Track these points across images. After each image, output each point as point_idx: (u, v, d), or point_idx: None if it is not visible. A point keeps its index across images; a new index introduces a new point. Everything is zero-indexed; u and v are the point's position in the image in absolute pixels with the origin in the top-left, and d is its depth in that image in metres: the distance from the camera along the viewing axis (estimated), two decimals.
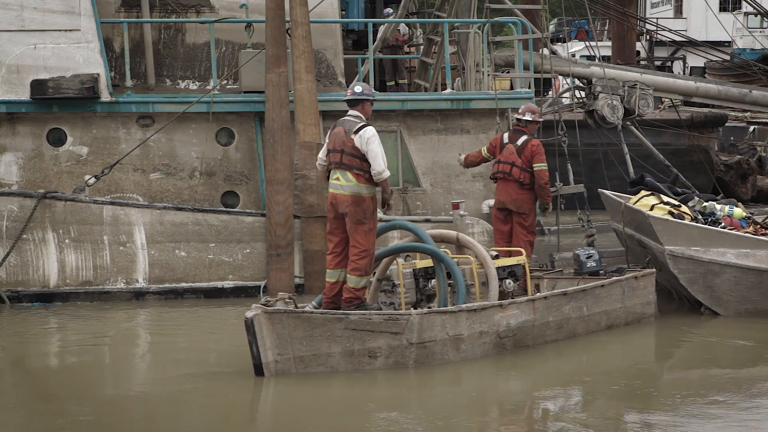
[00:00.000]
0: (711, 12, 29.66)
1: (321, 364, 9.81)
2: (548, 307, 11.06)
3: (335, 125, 10.64)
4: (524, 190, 13.07)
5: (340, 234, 10.47)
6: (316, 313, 9.88)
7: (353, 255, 10.32)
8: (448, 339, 10.20)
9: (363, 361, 9.92)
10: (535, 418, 9.06)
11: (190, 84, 15.49)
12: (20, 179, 14.44)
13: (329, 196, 10.49)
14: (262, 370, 9.63)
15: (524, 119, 13.25)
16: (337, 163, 10.43)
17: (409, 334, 9.99)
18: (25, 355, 11.50)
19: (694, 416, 8.79)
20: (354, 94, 10.57)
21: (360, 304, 10.37)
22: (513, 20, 16.54)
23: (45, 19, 14.23)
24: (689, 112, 24.87)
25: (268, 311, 9.60)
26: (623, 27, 28.07)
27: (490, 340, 10.52)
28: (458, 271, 10.67)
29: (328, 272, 10.56)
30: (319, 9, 15.00)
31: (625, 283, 11.96)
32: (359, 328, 9.84)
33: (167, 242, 14.17)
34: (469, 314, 10.34)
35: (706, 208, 13.30)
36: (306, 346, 9.72)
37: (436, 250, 10.75)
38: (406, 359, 10.04)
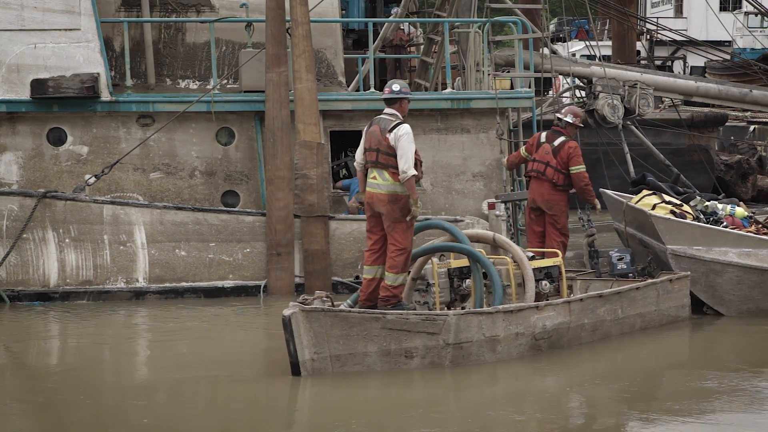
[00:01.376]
0: (711, 11, 29.66)
1: (357, 364, 9.72)
2: (584, 309, 10.99)
3: (371, 124, 10.56)
4: (557, 191, 12.93)
5: (378, 232, 10.44)
6: (354, 312, 9.80)
7: (391, 252, 10.29)
8: (485, 340, 10.12)
9: (399, 360, 9.83)
10: (573, 421, 8.93)
11: (190, 83, 15.47)
12: (20, 179, 14.42)
13: (367, 195, 10.44)
14: (298, 368, 9.54)
15: (565, 120, 13.12)
16: (373, 162, 10.38)
17: (446, 335, 9.90)
18: (26, 354, 11.47)
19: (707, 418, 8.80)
20: (392, 92, 10.45)
21: (397, 303, 10.33)
22: (513, 20, 16.53)
23: (45, 19, 14.21)
24: (689, 111, 24.87)
25: (305, 309, 9.52)
26: (623, 26, 28.06)
27: (525, 341, 10.43)
28: (495, 271, 10.57)
29: (366, 269, 10.54)
30: (319, 8, 14.99)
31: (660, 286, 11.90)
32: (396, 327, 9.75)
33: (167, 242, 14.15)
34: (506, 315, 10.25)
35: (708, 207, 13.29)
36: (342, 345, 9.64)
37: (473, 250, 10.67)
38: (442, 360, 9.95)
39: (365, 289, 10.54)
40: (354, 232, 14.43)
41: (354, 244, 14.42)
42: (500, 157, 15.36)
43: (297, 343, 9.48)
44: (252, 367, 10.55)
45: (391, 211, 10.26)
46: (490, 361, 10.18)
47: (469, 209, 15.12)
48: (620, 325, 11.46)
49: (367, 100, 15.13)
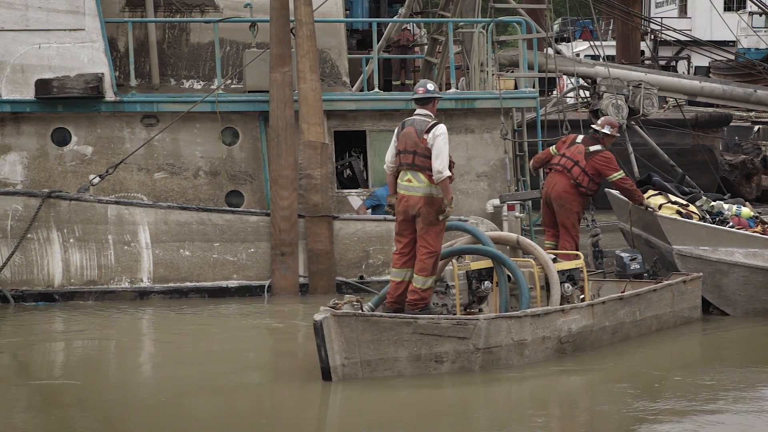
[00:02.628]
0: (716, 11, 29.65)
1: (387, 369, 9.60)
2: (605, 311, 10.95)
3: (404, 125, 10.31)
4: (574, 189, 12.80)
5: (408, 235, 10.26)
6: (385, 316, 9.65)
7: (421, 255, 10.13)
8: (513, 344, 10.03)
9: (429, 365, 9.71)
10: (605, 426, 8.81)
11: (194, 83, 15.47)
12: (25, 179, 14.42)
13: (399, 198, 10.23)
14: (329, 374, 9.42)
15: (603, 131, 13.05)
16: (409, 165, 10.15)
17: (477, 339, 9.80)
18: (30, 354, 11.46)
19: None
20: (427, 92, 10.22)
21: (425, 306, 10.17)
22: (517, 20, 16.52)
23: (49, 19, 14.21)
24: (694, 111, 24.82)
25: (337, 314, 9.37)
26: (628, 26, 28.02)
27: (551, 345, 10.37)
28: (521, 275, 10.46)
29: (394, 271, 10.36)
30: (323, 8, 14.98)
31: (675, 287, 11.87)
32: (427, 332, 9.63)
33: (172, 242, 14.14)
34: (533, 319, 10.18)
35: (713, 207, 13.27)
36: (373, 350, 9.52)
37: (499, 253, 10.56)
38: (471, 364, 9.85)
39: (392, 292, 10.33)
40: (358, 232, 14.42)
41: (358, 244, 14.41)
42: (504, 157, 15.35)
43: (328, 348, 9.35)
44: (275, 371, 10.43)
45: (428, 213, 10.08)
46: (518, 365, 10.08)
47: (474, 209, 15.10)
48: (638, 327, 11.42)
49: (371, 100, 15.12)
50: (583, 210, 13.02)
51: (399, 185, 10.25)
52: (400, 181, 10.25)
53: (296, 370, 10.32)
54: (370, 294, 14.19)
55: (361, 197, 15.11)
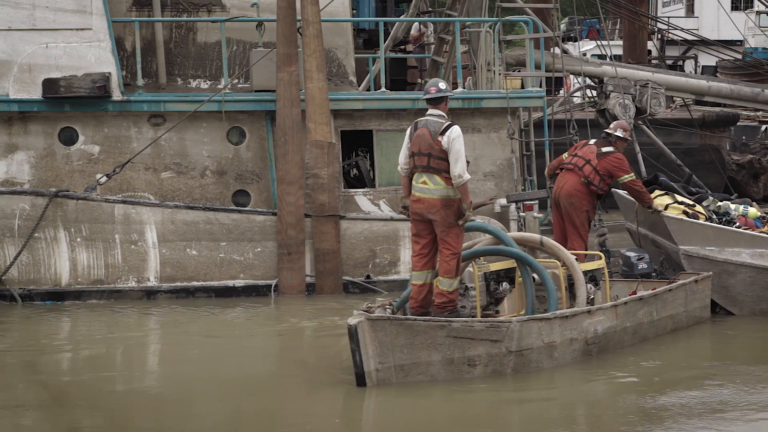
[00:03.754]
0: (723, 11, 29.57)
1: (421, 373, 9.44)
2: (627, 312, 10.91)
3: (416, 126, 10.08)
4: (584, 188, 12.63)
5: (426, 236, 10.06)
6: (419, 319, 9.47)
7: (445, 257, 9.93)
8: (543, 346, 9.94)
9: (462, 369, 9.57)
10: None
11: (201, 83, 15.48)
12: (32, 178, 14.45)
13: (414, 199, 10.03)
14: (364, 379, 9.24)
15: (615, 135, 12.91)
16: (424, 167, 9.94)
17: (509, 342, 9.66)
18: (37, 354, 11.48)
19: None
20: (439, 91, 10.01)
21: (453, 309, 10.00)
22: (524, 19, 16.51)
23: (57, 18, 14.23)
24: (701, 111, 24.79)
25: (371, 318, 9.20)
26: (635, 26, 27.98)
27: (579, 346, 10.31)
28: (548, 276, 10.36)
29: (414, 275, 10.15)
30: (330, 8, 14.98)
31: (688, 287, 11.84)
32: (461, 335, 9.47)
33: (178, 241, 14.16)
34: (562, 321, 10.08)
35: (720, 207, 13.24)
36: (407, 355, 9.35)
37: (523, 253, 10.46)
38: (504, 367, 9.72)
39: (416, 296, 10.13)
40: (365, 232, 14.43)
41: (365, 243, 14.41)
42: (511, 156, 15.34)
43: (363, 353, 9.19)
44: (307, 375, 10.30)
45: (446, 216, 9.89)
46: (548, 368, 9.99)
47: (481, 209, 15.08)
48: (655, 328, 11.38)
49: (378, 99, 15.12)
50: (594, 210, 12.88)
51: (414, 187, 10.06)
52: (414, 183, 10.06)
53: (318, 372, 10.17)
54: (375, 293, 14.23)
55: (368, 197, 15.10)
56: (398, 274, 14.53)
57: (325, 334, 12.25)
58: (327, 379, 9.88)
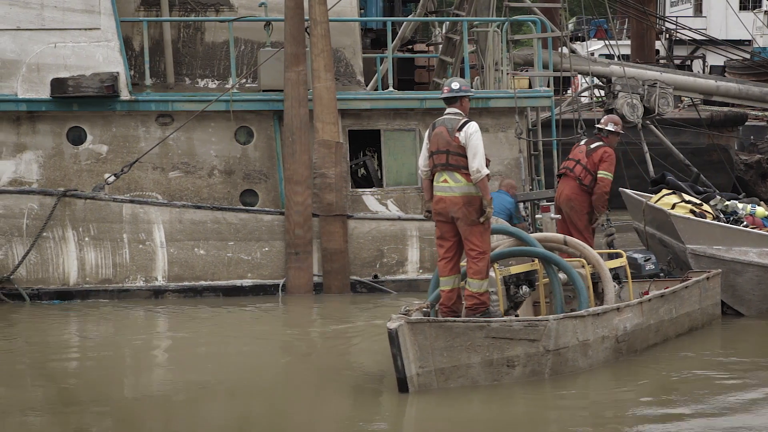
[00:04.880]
0: (731, 10, 29.53)
1: (461, 376, 9.25)
2: (651, 309, 10.86)
3: (435, 126, 9.93)
4: (581, 192, 12.47)
5: (451, 238, 9.86)
6: (458, 321, 9.27)
7: (472, 258, 9.73)
8: (578, 345, 9.82)
9: (501, 371, 9.38)
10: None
11: (209, 82, 15.50)
12: (40, 177, 14.48)
13: (436, 200, 9.85)
14: (406, 385, 9.03)
15: (606, 129, 12.66)
16: (443, 165, 9.76)
17: (547, 341, 9.51)
18: (45, 353, 11.50)
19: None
20: (451, 91, 9.86)
21: (485, 310, 9.80)
22: (532, 18, 16.49)
23: (65, 18, 14.26)
24: (709, 111, 24.76)
25: (411, 321, 9.01)
26: (643, 25, 27.95)
27: (610, 345, 10.21)
28: (577, 275, 10.21)
29: (443, 280, 9.93)
30: (337, 8, 14.99)
31: (702, 284, 11.80)
32: (499, 336, 9.28)
33: (186, 240, 14.19)
34: (594, 319, 9.95)
35: (728, 206, 13.23)
36: (446, 358, 9.16)
37: (550, 254, 10.34)
38: (542, 367, 9.56)
39: (446, 301, 9.93)
40: (372, 231, 14.44)
41: (372, 243, 14.42)
42: (519, 156, 15.33)
43: (404, 357, 8.97)
44: (314, 376, 10.25)
45: (468, 213, 9.68)
46: (583, 367, 9.88)
47: None
48: (674, 326, 11.34)
49: (386, 99, 15.12)
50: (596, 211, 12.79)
51: (435, 187, 9.88)
52: (435, 183, 9.87)
53: (364, 378, 10.00)
54: (384, 293, 14.22)
55: (376, 196, 15.11)
56: (406, 273, 14.54)
57: (336, 336, 12.26)
58: (348, 383, 9.78)
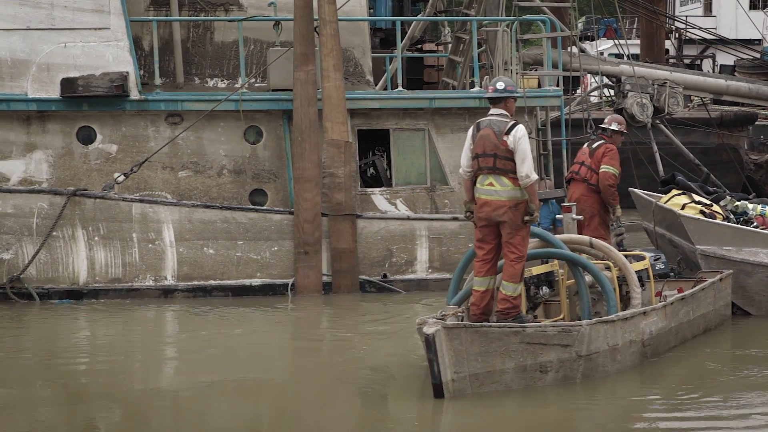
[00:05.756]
0: (741, 9, 29.45)
1: (495, 382, 9.15)
2: (673, 312, 10.82)
3: (479, 126, 9.72)
4: (590, 193, 12.32)
5: (491, 241, 9.69)
6: (494, 326, 9.17)
7: (510, 261, 9.60)
8: (608, 350, 9.71)
9: (534, 376, 9.30)
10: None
11: (218, 82, 15.51)
12: (50, 177, 14.51)
13: (481, 203, 9.65)
14: (441, 390, 8.89)
15: (610, 128, 12.51)
16: (490, 169, 9.56)
17: (579, 346, 9.42)
18: (55, 353, 11.52)
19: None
20: (496, 90, 9.66)
21: (517, 315, 9.69)
22: (541, 18, 16.48)
23: (75, 18, 14.29)
24: (718, 110, 24.69)
25: (447, 326, 8.91)
26: (652, 25, 27.90)
27: (636, 349, 10.14)
28: (605, 279, 10.11)
29: (477, 280, 9.78)
30: (347, 7, 14.99)
31: (716, 286, 11.77)
32: (534, 341, 9.21)
33: (196, 240, 14.21)
34: (622, 323, 9.87)
35: (738, 207, 13.19)
36: (481, 363, 9.05)
37: (577, 256, 10.20)
38: (574, 373, 9.48)
39: (478, 302, 9.77)
40: (381, 231, 14.44)
41: (381, 242, 14.42)
42: None
43: (441, 363, 8.86)
44: (322, 376, 10.17)
45: (514, 217, 9.52)
46: (612, 372, 9.81)
47: None
48: (691, 328, 11.30)
49: (395, 98, 15.12)
50: (607, 211, 12.66)
51: (479, 190, 9.68)
52: (479, 185, 9.67)
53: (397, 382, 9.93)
54: (393, 292, 14.23)
55: (385, 196, 15.11)
56: (415, 273, 14.54)
57: (346, 335, 12.26)
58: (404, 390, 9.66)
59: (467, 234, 14.60)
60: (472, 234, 14.38)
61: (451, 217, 14.67)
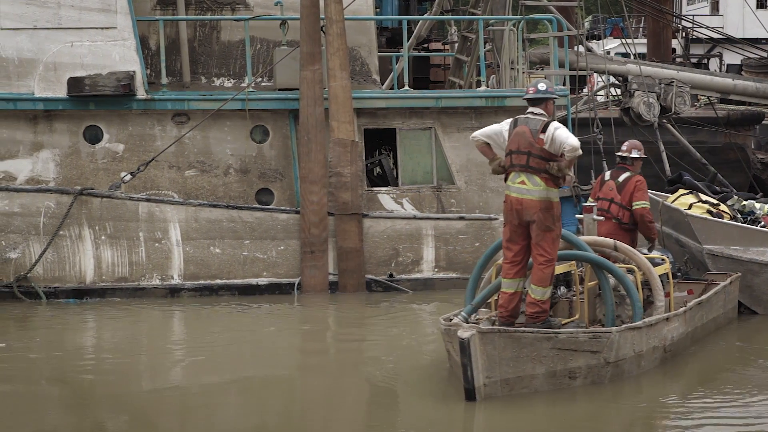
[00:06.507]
0: (748, 8, 29.38)
1: (525, 387, 9.15)
2: (691, 317, 10.81)
3: (516, 122, 9.72)
4: (622, 230, 11.67)
5: (521, 242, 9.62)
6: (527, 331, 9.13)
7: (539, 264, 9.54)
8: (634, 356, 9.73)
9: (563, 382, 9.28)
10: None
11: (225, 81, 15.52)
12: (57, 176, 14.53)
13: (512, 201, 9.61)
14: (474, 394, 8.90)
15: (631, 157, 12.02)
16: (523, 167, 9.53)
17: (608, 353, 9.41)
18: (61, 351, 11.54)
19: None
20: (537, 92, 9.67)
21: (546, 319, 9.66)
22: (548, 17, 16.46)
23: (82, 17, 14.30)
24: (725, 109, 24.62)
25: (482, 330, 8.89)
26: (659, 24, 27.85)
27: (659, 354, 10.14)
28: (631, 283, 10.01)
29: (506, 282, 9.69)
30: (353, 6, 14.98)
31: (727, 288, 11.74)
32: (565, 347, 9.19)
33: (202, 239, 14.22)
34: (648, 330, 9.87)
35: (745, 206, 13.17)
36: (512, 368, 9.05)
37: (602, 259, 10.05)
38: (601, 379, 9.47)
39: (506, 304, 9.68)
40: (388, 230, 14.43)
41: (388, 242, 14.42)
42: None
43: (474, 367, 8.83)
44: (330, 375, 10.19)
45: (544, 218, 9.48)
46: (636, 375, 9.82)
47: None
48: (704, 330, 11.29)
49: (401, 98, 15.11)
50: (636, 242, 11.93)
51: (510, 188, 9.64)
52: (511, 183, 9.64)
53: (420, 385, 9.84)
54: (399, 292, 14.22)
55: (391, 195, 15.09)
56: (421, 272, 14.53)
57: (352, 334, 12.27)
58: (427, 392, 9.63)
59: (473, 233, 14.60)
60: (478, 233, 14.58)
61: (457, 217, 14.67)
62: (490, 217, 14.66)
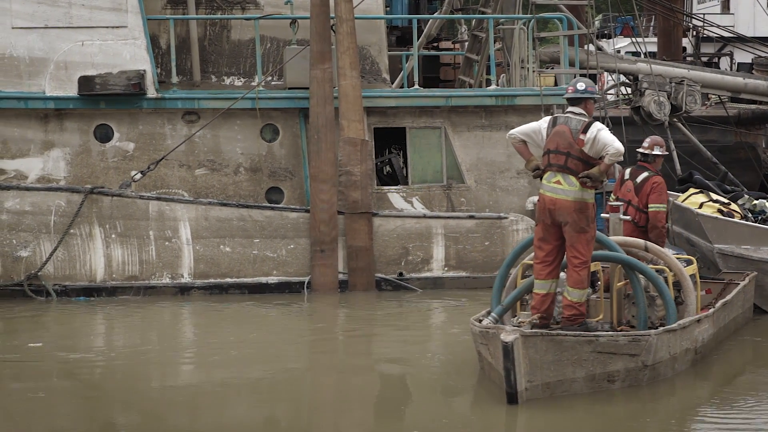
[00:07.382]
0: (759, 7, 29.27)
1: (565, 390, 9.09)
2: (718, 318, 10.77)
3: (555, 121, 9.62)
4: (639, 232, 11.44)
5: (553, 242, 9.54)
6: (569, 335, 9.06)
7: (574, 266, 9.46)
8: (669, 359, 9.68)
9: (602, 386, 9.23)
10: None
11: (235, 80, 15.54)
12: (68, 174, 14.56)
13: (545, 200, 9.52)
14: (516, 398, 8.81)
15: (653, 154, 11.77)
16: (560, 167, 9.44)
17: (646, 356, 9.35)
18: (72, 350, 11.55)
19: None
20: (576, 91, 9.56)
21: (583, 321, 9.60)
22: (558, 16, 16.43)
23: (92, 16, 14.33)
24: (736, 108, 24.54)
25: (525, 334, 8.82)
26: (669, 23, 27.75)
27: (690, 357, 10.08)
28: (664, 285, 9.89)
29: (538, 283, 9.60)
30: (363, 5, 14.99)
31: (746, 288, 11.71)
32: (605, 350, 9.13)
33: (212, 238, 14.23)
34: (682, 332, 9.80)
35: (756, 206, 13.14)
36: (553, 371, 9.00)
37: (634, 260, 9.93)
38: (639, 382, 9.42)
39: (539, 305, 9.62)
40: (398, 229, 14.43)
41: (398, 240, 14.41)
42: None
43: (517, 371, 8.76)
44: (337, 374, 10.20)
45: (578, 220, 9.38)
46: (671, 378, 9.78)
47: (513, 206, 15.05)
48: (726, 331, 11.24)
49: (411, 96, 15.10)
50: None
51: (544, 186, 9.55)
52: (546, 182, 9.54)
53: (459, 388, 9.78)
54: (409, 291, 14.22)
55: (401, 194, 15.09)
56: (431, 271, 14.52)
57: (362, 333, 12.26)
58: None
59: (483, 233, 14.59)
60: (488, 232, 14.57)
61: (467, 216, 14.66)
62: (500, 216, 14.64)
